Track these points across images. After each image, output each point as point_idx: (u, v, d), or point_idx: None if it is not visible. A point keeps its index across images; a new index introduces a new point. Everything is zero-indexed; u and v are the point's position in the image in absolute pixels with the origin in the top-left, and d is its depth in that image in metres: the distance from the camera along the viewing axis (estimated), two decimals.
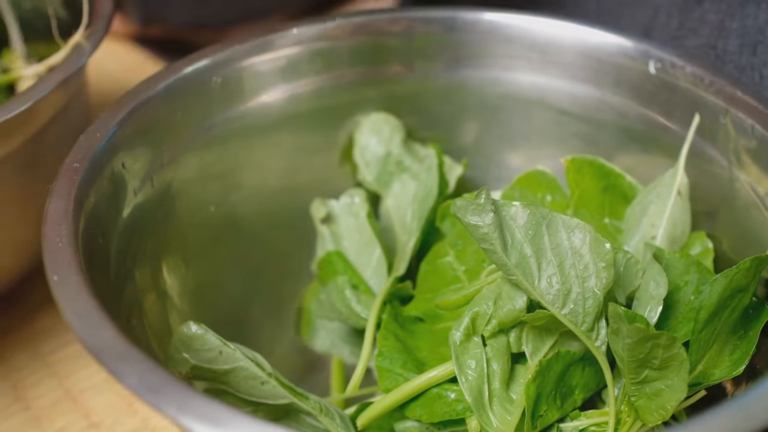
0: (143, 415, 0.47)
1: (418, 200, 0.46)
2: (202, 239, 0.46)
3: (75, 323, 0.31)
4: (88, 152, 0.39)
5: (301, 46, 0.47)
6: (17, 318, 0.53)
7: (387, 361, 0.40)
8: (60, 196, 0.36)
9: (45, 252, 0.34)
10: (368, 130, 0.49)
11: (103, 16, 0.49)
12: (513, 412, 0.37)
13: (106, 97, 0.67)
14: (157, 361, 0.30)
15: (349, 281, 0.45)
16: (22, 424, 0.47)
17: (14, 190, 0.47)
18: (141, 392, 0.28)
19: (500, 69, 0.49)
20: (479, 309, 0.38)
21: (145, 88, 0.43)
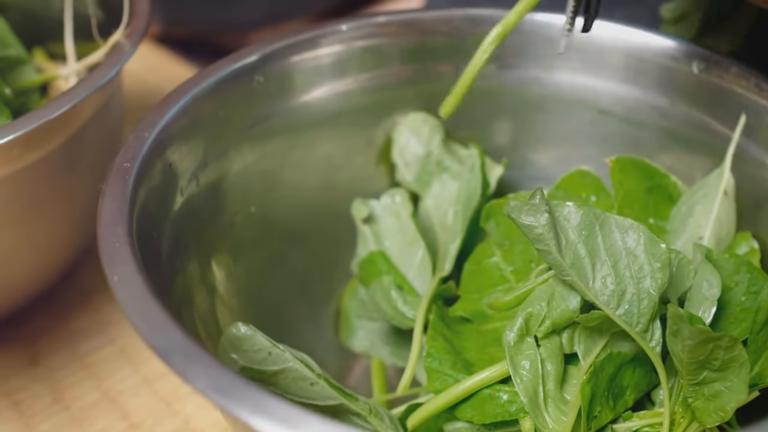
0: (184, 416, 0.47)
1: (462, 201, 0.46)
2: (244, 239, 0.46)
3: (139, 325, 0.31)
4: (138, 152, 0.39)
5: (349, 44, 0.46)
6: (53, 318, 0.53)
7: (436, 362, 0.40)
8: (113, 196, 0.36)
9: (102, 253, 0.34)
10: (407, 129, 0.49)
11: (142, 15, 0.49)
12: (568, 413, 0.37)
13: (127, 96, 0.67)
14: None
15: (393, 281, 0.45)
16: (62, 424, 0.47)
17: (54, 190, 0.47)
18: (212, 394, 0.28)
19: (540, 69, 0.49)
20: (532, 309, 0.38)
21: (191, 87, 0.43)
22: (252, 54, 0.45)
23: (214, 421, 0.46)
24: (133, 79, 0.72)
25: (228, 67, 0.44)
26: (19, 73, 0.51)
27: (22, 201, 0.45)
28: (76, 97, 0.43)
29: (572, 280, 0.37)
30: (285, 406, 0.28)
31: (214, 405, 0.28)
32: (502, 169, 0.48)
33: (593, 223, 0.37)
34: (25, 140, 0.42)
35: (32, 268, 0.49)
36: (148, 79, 0.74)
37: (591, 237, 0.37)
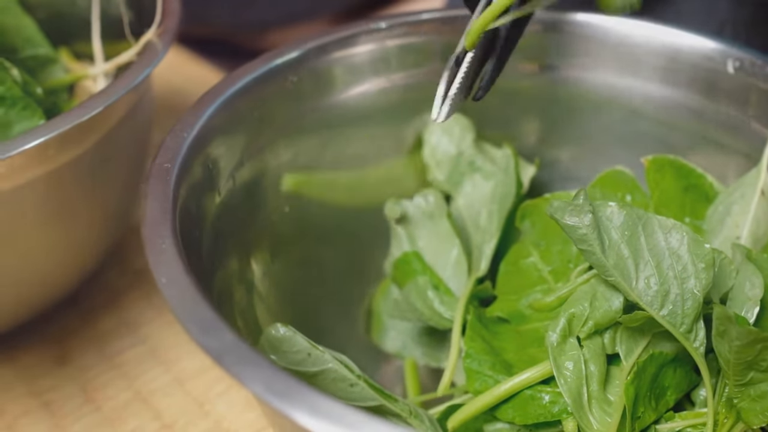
0: (216, 417, 0.47)
1: (497, 201, 0.46)
2: (278, 239, 0.46)
3: (191, 327, 0.30)
4: (177, 152, 0.39)
5: (384, 42, 0.46)
6: (81, 319, 0.53)
7: (475, 363, 0.40)
8: (156, 197, 0.36)
9: (149, 254, 0.33)
10: (439, 129, 0.49)
11: (173, 14, 0.49)
12: (612, 414, 0.37)
13: None
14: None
15: (429, 281, 0.45)
16: (94, 425, 0.46)
17: (85, 190, 0.47)
18: (268, 397, 0.28)
19: (571, 68, 0.49)
20: (575, 310, 0.38)
21: (227, 86, 0.43)
22: (287, 53, 0.45)
23: (247, 422, 0.46)
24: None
25: (263, 66, 0.44)
26: (48, 73, 0.51)
27: (55, 201, 0.45)
28: (112, 97, 0.43)
29: (615, 281, 0.37)
30: (342, 408, 0.28)
31: (271, 407, 0.28)
32: (535, 169, 0.48)
33: (636, 224, 0.37)
34: (60, 140, 0.42)
35: (63, 267, 0.49)
36: (165, 78, 0.73)
37: (634, 237, 0.37)
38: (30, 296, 0.48)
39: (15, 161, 0.41)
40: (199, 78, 0.73)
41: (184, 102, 0.71)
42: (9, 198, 0.42)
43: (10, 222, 0.43)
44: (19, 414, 0.47)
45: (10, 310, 0.48)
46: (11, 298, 0.47)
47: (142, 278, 0.55)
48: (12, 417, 0.47)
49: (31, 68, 0.50)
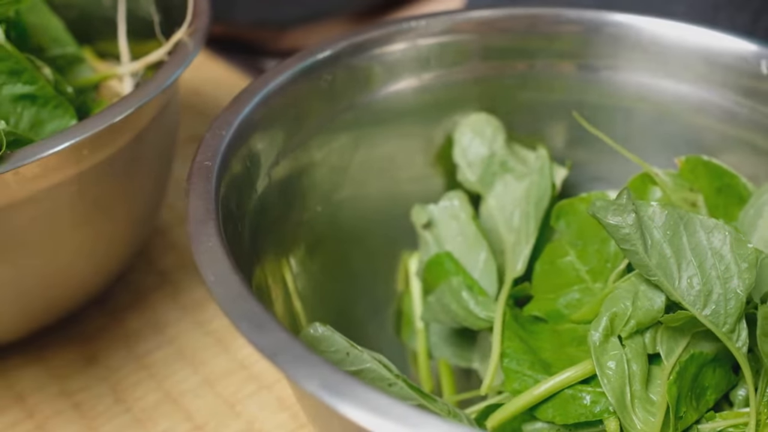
0: (247, 418, 0.46)
1: (533, 202, 0.46)
2: (311, 238, 0.45)
3: (242, 325, 0.30)
4: (217, 150, 0.39)
5: (417, 42, 0.46)
6: (109, 319, 0.52)
7: (514, 363, 0.40)
8: (199, 195, 0.36)
9: (196, 252, 0.33)
10: (470, 130, 0.49)
11: (203, 13, 0.48)
12: (656, 414, 0.37)
13: None
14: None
15: (463, 282, 0.44)
16: (125, 426, 0.46)
17: (116, 190, 0.46)
18: (325, 396, 0.28)
19: (602, 68, 0.49)
20: (617, 309, 0.38)
21: (263, 84, 0.42)
22: (323, 50, 0.45)
23: (279, 423, 0.46)
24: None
25: (300, 64, 0.44)
26: (76, 72, 0.51)
27: (87, 201, 0.45)
28: (146, 96, 0.42)
29: (658, 281, 0.37)
30: (402, 407, 0.27)
31: (328, 406, 0.28)
32: (567, 171, 0.48)
33: (678, 223, 0.37)
34: (94, 140, 0.41)
35: (93, 267, 0.49)
36: (186, 78, 0.73)
37: (676, 237, 0.37)
38: (61, 297, 0.48)
39: (50, 161, 0.40)
40: (218, 77, 0.73)
41: (204, 102, 0.71)
42: (43, 198, 0.42)
43: (44, 222, 0.43)
44: (50, 414, 0.47)
45: (42, 310, 0.48)
46: (43, 298, 0.47)
47: (168, 279, 0.55)
48: (43, 417, 0.47)
49: (60, 67, 0.50)
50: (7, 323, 0.47)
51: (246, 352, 0.50)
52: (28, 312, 0.47)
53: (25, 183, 0.40)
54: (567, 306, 0.42)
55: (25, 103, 0.44)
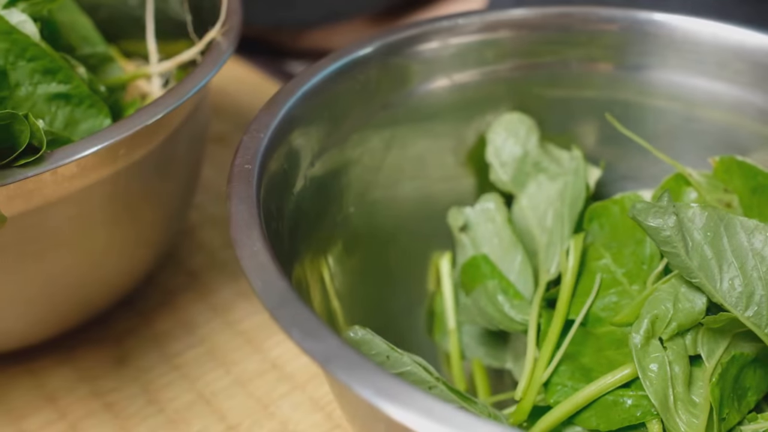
0: (281, 418, 0.46)
1: (568, 203, 0.45)
2: (346, 238, 0.45)
3: (293, 332, 0.30)
4: (256, 153, 0.38)
5: (449, 41, 0.46)
6: (138, 320, 0.52)
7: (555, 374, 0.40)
8: (241, 199, 0.36)
9: (242, 257, 0.33)
10: (503, 130, 0.49)
11: (236, 12, 0.48)
12: (699, 416, 0.37)
13: None
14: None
15: (499, 285, 0.44)
16: (159, 426, 0.46)
17: (148, 190, 0.46)
18: (380, 401, 0.28)
19: (635, 66, 0.49)
20: (658, 311, 0.38)
21: (299, 85, 0.42)
22: (356, 51, 0.45)
23: (313, 423, 0.46)
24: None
25: (333, 64, 0.44)
26: (106, 71, 0.51)
27: (121, 201, 0.44)
28: (184, 95, 0.42)
29: (700, 282, 0.37)
30: (460, 414, 0.27)
31: (384, 411, 0.28)
32: (600, 172, 0.48)
33: (718, 225, 0.37)
34: (131, 139, 0.41)
35: (125, 267, 0.48)
36: None
37: (716, 238, 0.37)
38: (92, 297, 0.48)
39: (87, 161, 0.40)
40: (238, 78, 0.73)
41: (223, 102, 0.70)
42: (78, 198, 0.42)
43: (78, 222, 0.43)
44: (82, 415, 0.47)
45: (73, 310, 0.48)
46: (74, 298, 0.47)
47: (196, 279, 0.55)
48: (76, 418, 0.47)
49: (91, 66, 0.49)
50: (39, 323, 0.47)
51: (277, 353, 0.50)
52: (59, 312, 0.47)
53: (62, 182, 0.40)
54: (604, 309, 0.42)
55: (59, 103, 0.44)
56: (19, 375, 0.49)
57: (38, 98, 0.44)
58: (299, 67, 0.78)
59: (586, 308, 0.42)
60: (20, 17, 0.43)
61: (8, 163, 0.38)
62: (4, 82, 0.42)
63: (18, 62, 0.43)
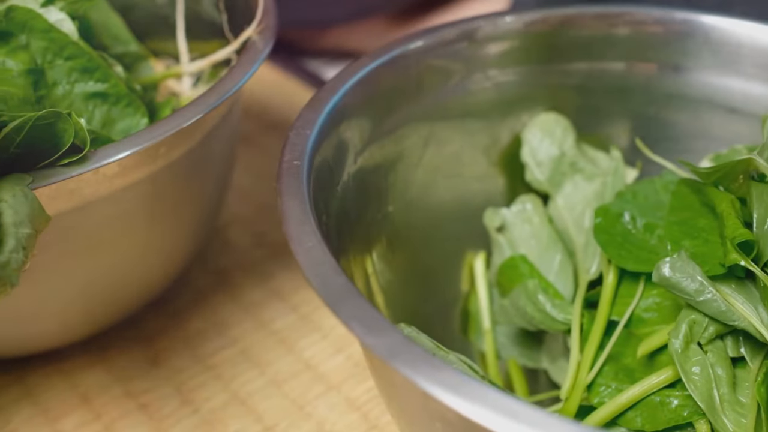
0: (318, 419, 0.46)
1: None
2: (385, 237, 0.45)
3: (356, 328, 0.30)
4: (303, 150, 0.38)
5: (496, 38, 0.46)
6: (169, 320, 0.52)
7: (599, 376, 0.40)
8: (293, 196, 0.35)
9: (298, 253, 0.33)
10: (539, 130, 0.49)
11: (271, 11, 0.48)
12: (747, 416, 0.37)
13: None
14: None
15: (539, 285, 0.44)
16: (194, 427, 0.46)
17: (186, 189, 0.46)
18: (450, 398, 0.28)
19: (670, 67, 0.49)
20: (695, 316, 0.38)
21: (341, 82, 0.42)
22: (394, 50, 0.45)
23: (350, 424, 0.46)
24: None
25: (373, 63, 0.44)
26: (139, 70, 0.51)
27: (159, 201, 0.44)
28: (224, 94, 0.42)
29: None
30: (533, 410, 0.27)
31: (454, 408, 0.28)
32: (637, 172, 0.48)
33: None
34: (172, 138, 0.41)
35: (158, 267, 0.48)
36: None
37: None
38: (127, 297, 0.48)
39: (128, 161, 0.40)
40: (258, 77, 0.72)
41: (246, 101, 0.70)
42: (117, 198, 0.42)
43: (117, 222, 0.43)
44: (117, 416, 0.46)
45: (108, 311, 0.47)
46: (110, 299, 0.47)
47: (225, 278, 0.55)
48: (110, 419, 0.46)
49: (126, 65, 0.49)
50: (74, 323, 0.47)
51: (310, 353, 0.50)
52: (94, 312, 0.47)
53: (103, 182, 0.40)
54: (647, 310, 0.42)
55: (96, 101, 0.44)
56: (52, 375, 0.49)
57: (75, 97, 0.43)
58: (319, 65, 0.78)
59: (630, 310, 0.41)
60: (59, 15, 0.43)
61: (51, 162, 0.38)
62: (42, 81, 0.42)
63: (56, 61, 0.43)
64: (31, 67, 0.40)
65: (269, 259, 0.56)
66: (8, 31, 0.40)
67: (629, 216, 0.43)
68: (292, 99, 0.71)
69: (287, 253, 0.56)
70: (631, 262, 0.42)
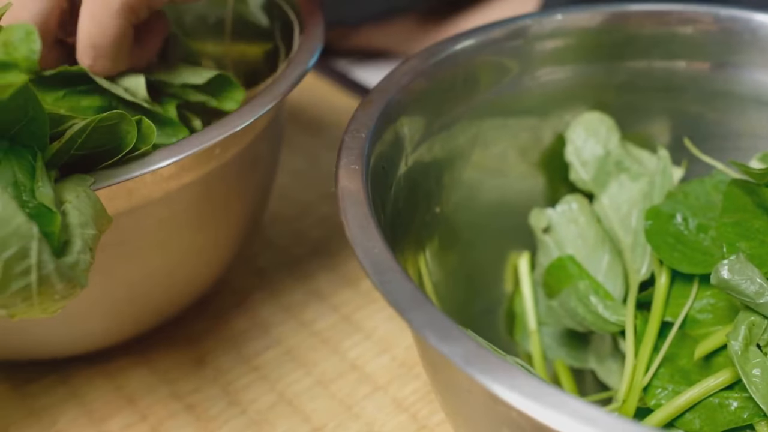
0: (366, 419, 0.46)
1: (656, 203, 0.45)
2: (432, 239, 0.45)
3: (428, 334, 0.30)
4: (360, 153, 0.38)
5: (540, 37, 0.46)
6: (212, 321, 0.52)
7: (655, 378, 0.40)
8: (354, 201, 0.35)
9: (363, 259, 0.33)
10: (584, 129, 0.48)
11: (318, 16, 0.48)
12: None
13: None
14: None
15: (590, 286, 0.44)
16: (242, 428, 0.46)
17: (235, 190, 0.46)
18: (530, 405, 0.27)
19: (715, 65, 0.49)
20: (754, 318, 0.38)
21: (394, 82, 0.42)
22: (441, 52, 0.44)
23: (399, 424, 0.46)
24: None
25: (423, 64, 0.44)
26: None
27: (209, 202, 0.44)
28: (278, 95, 0.42)
29: None
30: (608, 416, 0.27)
31: (528, 416, 0.27)
32: (683, 171, 0.48)
33: None
34: (228, 138, 0.41)
35: (205, 267, 0.48)
36: None
37: None
38: (174, 298, 0.48)
39: (185, 162, 0.40)
40: None
41: None
42: (172, 199, 0.42)
43: (169, 223, 0.43)
44: (164, 417, 0.46)
45: (155, 311, 0.47)
46: (158, 299, 0.47)
47: (266, 278, 0.55)
48: (157, 420, 0.46)
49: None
50: (121, 324, 0.47)
51: (355, 354, 0.50)
52: (141, 313, 0.47)
53: (160, 183, 0.40)
54: (701, 311, 0.42)
55: None
56: (96, 376, 0.48)
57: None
58: (346, 65, 0.78)
59: (685, 311, 0.41)
60: (138, 80, 0.43)
61: (112, 163, 0.38)
62: None
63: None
64: (104, 105, 0.41)
65: (309, 259, 0.56)
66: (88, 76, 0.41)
67: (681, 217, 0.43)
68: (321, 99, 0.71)
69: (326, 252, 0.56)
70: (685, 264, 0.42)
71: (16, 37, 0.35)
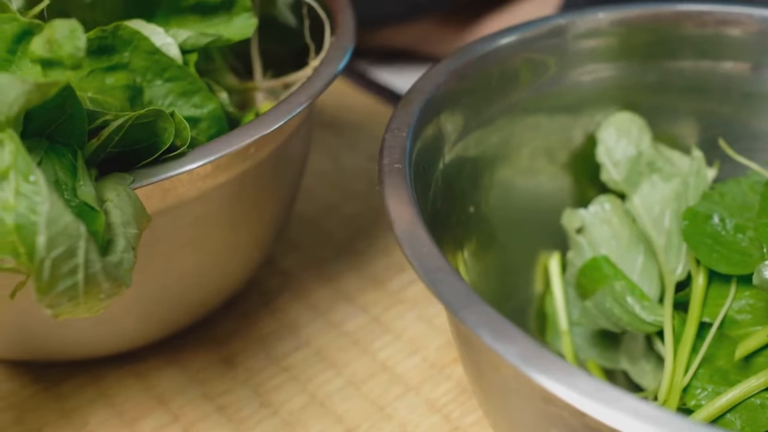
0: (399, 420, 0.46)
1: (690, 204, 0.45)
2: (466, 239, 0.45)
3: (485, 335, 0.30)
4: (402, 152, 0.38)
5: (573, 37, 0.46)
6: (240, 322, 0.52)
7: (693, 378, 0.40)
8: (400, 201, 0.35)
9: (414, 260, 0.33)
10: (615, 129, 0.48)
11: (349, 14, 0.48)
12: None
13: None
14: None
15: (626, 287, 0.44)
16: (275, 429, 0.46)
17: (267, 189, 0.46)
18: (590, 405, 0.27)
19: (748, 65, 0.48)
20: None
21: (432, 81, 0.42)
22: (476, 52, 0.44)
23: (432, 425, 0.46)
24: None
25: (461, 62, 0.43)
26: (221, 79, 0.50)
27: (243, 201, 0.44)
28: (314, 93, 0.42)
29: None
30: (659, 411, 0.27)
31: (586, 413, 0.27)
32: (715, 171, 0.48)
33: None
34: (264, 137, 0.41)
35: (236, 267, 0.48)
36: None
37: None
38: (205, 298, 0.47)
39: (222, 161, 0.40)
40: None
41: None
42: (207, 198, 0.41)
43: (204, 222, 0.42)
44: (195, 418, 0.46)
45: (187, 312, 0.47)
46: (190, 299, 0.46)
47: (291, 279, 0.55)
48: (188, 421, 0.46)
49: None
50: (152, 324, 0.47)
51: (385, 354, 0.50)
52: (172, 313, 0.47)
53: (195, 182, 0.40)
54: (740, 311, 0.42)
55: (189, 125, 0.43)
56: (126, 377, 0.48)
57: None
58: (366, 66, 0.77)
59: (723, 311, 0.41)
60: (166, 40, 0.43)
61: (149, 161, 0.38)
62: (138, 99, 0.41)
63: (155, 80, 0.42)
64: (130, 83, 0.40)
65: (335, 260, 0.56)
66: (112, 46, 0.40)
67: (718, 218, 0.43)
68: (342, 99, 0.71)
69: (352, 253, 0.56)
70: (724, 265, 0.42)
71: (60, 34, 0.34)
